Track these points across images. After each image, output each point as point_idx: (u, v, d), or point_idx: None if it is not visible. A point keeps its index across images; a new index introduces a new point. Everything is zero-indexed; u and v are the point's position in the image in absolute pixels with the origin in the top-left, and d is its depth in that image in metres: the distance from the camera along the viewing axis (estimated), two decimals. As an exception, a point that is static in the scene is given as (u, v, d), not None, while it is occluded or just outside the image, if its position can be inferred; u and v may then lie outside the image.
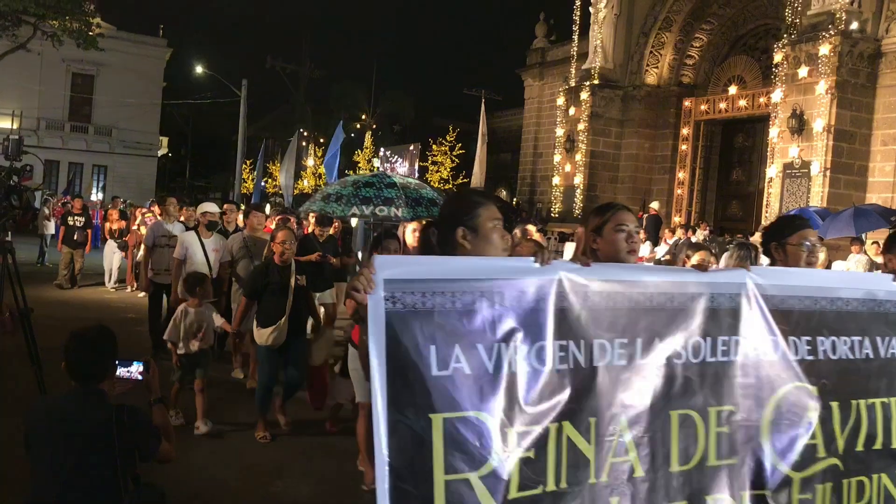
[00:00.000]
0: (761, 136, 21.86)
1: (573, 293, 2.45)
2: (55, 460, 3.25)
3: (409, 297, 2.18)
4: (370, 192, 6.63)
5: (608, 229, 2.99)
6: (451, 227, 2.64)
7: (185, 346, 6.65)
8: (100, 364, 3.37)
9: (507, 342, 2.29)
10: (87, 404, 3.31)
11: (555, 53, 31.09)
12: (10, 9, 27.75)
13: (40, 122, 44.75)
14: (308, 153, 42.16)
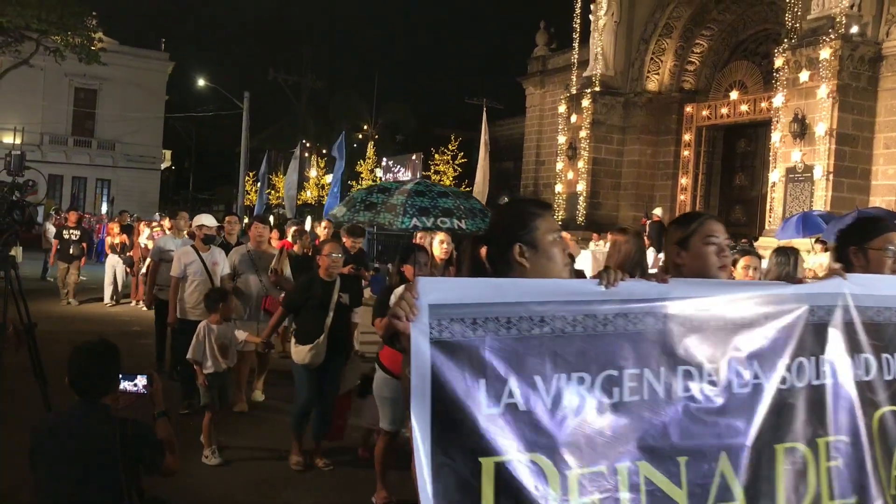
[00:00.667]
0: (763, 141, 21.84)
1: (650, 315, 2.15)
2: (60, 475, 3.25)
3: (458, 326, 1.90)
4: (426, 202, 6.16)
5: (696, 242, 2.68)
6: (507, 244, 2.31)
7: (213, 364, 6.28)
8: (103, 378, 3.37)
9: (569, 373, 2.01)
10: (91, 419, 3.31)
11: (556, 61, 31.13)
12: (12, 25, 27.88)
13: (43, 136, 44.93)
14: (311, 164, 42.24)
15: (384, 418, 5.40)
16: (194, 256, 7.89)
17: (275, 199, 43.17)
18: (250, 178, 39.88)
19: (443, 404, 1.87)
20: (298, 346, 6.15)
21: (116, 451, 3.25)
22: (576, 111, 24.16)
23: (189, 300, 7.76)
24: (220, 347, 6.32)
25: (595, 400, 2.03)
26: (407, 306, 1.89)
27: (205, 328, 6.35)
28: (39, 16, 27.71)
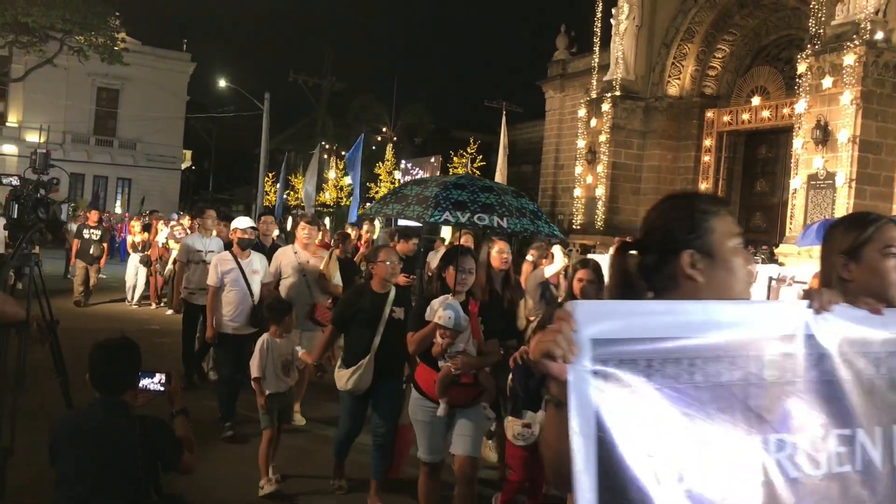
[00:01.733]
0: (785, 148, 21.66)
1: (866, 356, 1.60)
2: (79, 471, 3.27)
3: (629, 368, 1.39)
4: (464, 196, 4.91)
5: (871, 253, 2.16)
6: (670, 251, 1.75)
7: (274, 383, 5.71)
8: (123, 376, 3.39)
9: (767, 434, 1.48)
10: (110, 415, 3.33)
11: (576, 65, 31.07)
12: (37, 24, 28.17)
13: (66, 135, 45.34)
14: (329, 166, 42.37)
15: (421, 446, 4.87)
16: (233, 264, 7.20)
17: (293, 199, 43.33)
18: (270, 178, 40.06)
19: (613, 476, 1.37)
20: (341, 369, 5.49)
21: (136, 448, 3.27)
22: (596, 115, 24.09)
23: (225, 311, 7.10)
24: (282, 364, 5.79)
25: (796, 470, 1.50)
26: (564, 342, 1.35)
27: (266, 342, 5.77)
28: (64, 16, 28.01)
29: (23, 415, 4.18)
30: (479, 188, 5.16)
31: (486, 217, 4.92)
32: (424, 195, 5.07)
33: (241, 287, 7.13)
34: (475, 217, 4.91)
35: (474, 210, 4.92)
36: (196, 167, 59.71)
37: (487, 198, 5.07)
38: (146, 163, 48.25)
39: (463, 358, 4.66)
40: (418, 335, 4.81)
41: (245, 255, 7.28)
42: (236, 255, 7.25)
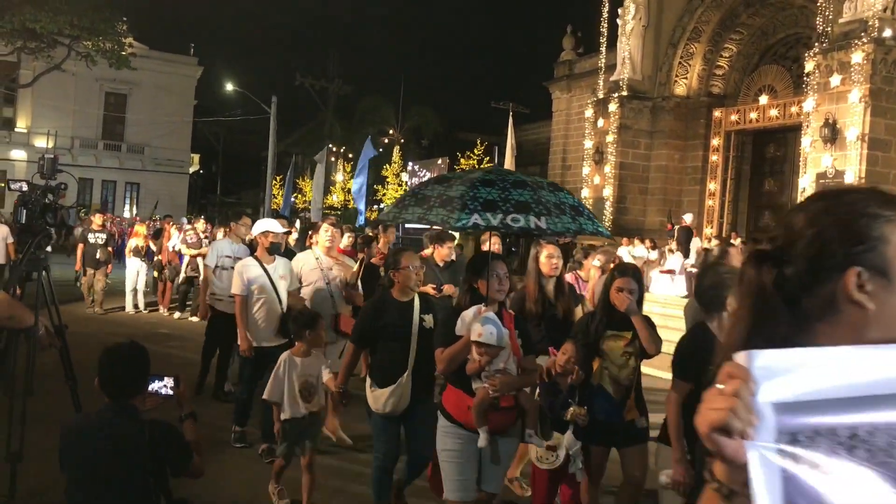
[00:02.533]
0: (793, 146, 21.59)
1: None
2: (89, 476, 3.28)
3: (825, 444, 0.99)
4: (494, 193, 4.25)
5: None
6: (828, 267, 1.27)
7: (290, 408, 5.06)
8: (133, 380, 3.39)
9: None
10: (120, 420, 3.33)
11: (582, 65, 31.05)
12: (46, 30, 28.32)
13: (74, 140, 45.54)
14: (337, 168, 42.44)
15: (449, 484, 4.23)
16: (259, 270, 6.59)
17: (301, 202, 43.42)
18: (277, 181, 40.15)
19: None
20: (375, 389, 4.88)
21: (145, 453, 3.27)
22: (603, 115, 24.06)
23: (255, 323, 6.59)
24: (304, 387, 5.09)
25: None
26: (744, 411, 0.99)
27: (285, 362, 5.14)
28: (72, 21, 28.16)
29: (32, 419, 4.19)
30: (510, 183, 4.35)
31: (520, 218, 4.13)
32: (448, 196, 4.24)
33: (269, 295, 6.56)
34: (508, 219, 4.12)
35: (507, 210, 4.12)
36: (204, 171, 59.89)
37: (521, 194, 4.24)
38: (154, 167, 48.40)
39: (502, 377, 4.12)
40: (449, 352, 4.20)
41: (270, 259, 6.68)
42: (261, 261, 6.64)
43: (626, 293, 4.55)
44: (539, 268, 5.71)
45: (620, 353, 4.65)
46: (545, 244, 5.86)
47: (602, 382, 4.69)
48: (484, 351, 4.06)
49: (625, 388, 4.68)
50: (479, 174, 4.46)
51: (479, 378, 4.13)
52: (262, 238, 6.73)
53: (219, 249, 8.61)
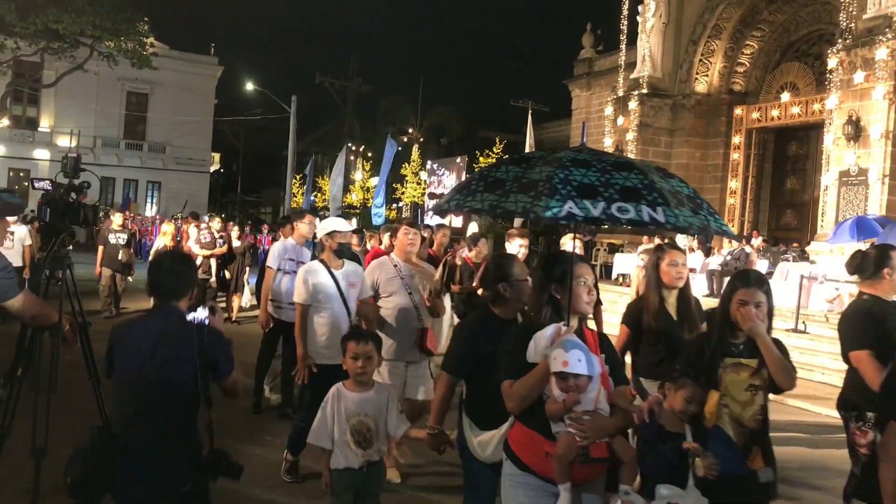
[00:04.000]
0: (815, 144, 21.42)
1: None
2: (138, 377, 3.34)
3: None
4: (591, 176, 3.34)
5: None
6: None
7: (342, 455, 4.01)
8: (181, 282, 3.54)
9: None
10: (168, 320, 3.44)
11: (602, 63, 30.95)
12: (68, 31, 28.60)
13: (96, 139, 45.98)
14: (356, 167, 42.55)
15: None
16: (326, 276, 5.79)
17: (321, 201, 43.56)
18: (297, 180, 40.32)
19: None
20: (477, 431, 3.90)
21: (193, 351, 3.35)
22: (623, 113, 23.96)
23: (318, 337, 5.71)
24: (358, 429, 4.01)
25: None
26: None
27: (334, 396, 4.08)
28: (94, 22, 28.41)
29: (55, 416, 4.23)
30: (611, 164, 3.40)
31: (629, 208, 3.16)
32: (530, 179, 3.28)
33: (335, 305, 5.74)
34: (613, 208, 3.15)
35: (610, 197, 3.16)
36: (224, 170, 60.23)
37: (627, 178, 3.31)
38: (175, 166, 48.74)
39: (593, 421, 3.18)
40: (523, 387, 3.27)
41: (339, 264, 5.86)
42: (328, 265, 5.83)
43: (752, 308, 3.53)
44: (659, 276, 4.88)
45: (744, 386, 3.58)
46: (669, 248, 5.00)
47: (721, 424, 3.58)
48: (570, 385, 3.14)
49: (749, 432, 3.58)
50: (568, 153, 3.47)
51: (562, 420, 3.19)
52: (328, 240, 5.89)
53: (281, 251, 7.78)
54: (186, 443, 3.41)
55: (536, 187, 3.14)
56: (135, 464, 3.29)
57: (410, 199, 40.18)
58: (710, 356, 3.65)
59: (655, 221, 3.14)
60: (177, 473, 3.38)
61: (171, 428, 3.36)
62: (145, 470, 3.31)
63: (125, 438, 3.30)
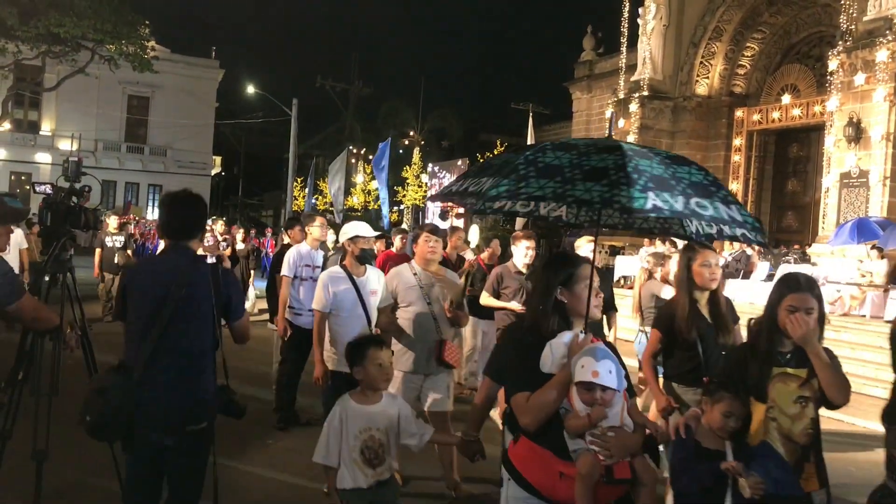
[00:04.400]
0: (816, 146, 21.43)
1: None
2: (156, 313, 3.37)
3: None
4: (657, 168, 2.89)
5: None
6: None
7: (350, 474, 3.58)
8: (194, 221, 3.61)
9: None
10: (182, 257, 3.49)
11: (603, 66, 30.96)
12: (69, 35, 28.62)
13: (98, 143, 45.99)
14: (357, 170, 42.57)
15: None
16: (347, 283, 5.59)
17: (322, 204, 43.58)
18: (298, 183, 40.35)
19: None
20: None
21: (208, 287, 3.41)
22: (623, 116, 23.97)
23: (337, 345, 5.45)
24: (368, 446, 3.61)
25: None
26: None
27: (342, 410, 3.65)
28: (95, 26, 28.41)
29: (57, 419, 4.24)
30: (667, 158, 3.05)
31: (707, 204, 2.78)
32: (594, 167, 2.81)
33: (357, 313, 5.55)
34: (693, 203, 2.73)
35: (684, 192, 2.77)
36: (226, 173, 60.25)
37: (690, 173, 2.93)
38: (176, 169, 48.76)
39: (617, 438, 2.84)
40: (542, 399, 2.89)
41: (361, 271, 5.66)
42: (350, 272, 5.63)
43: (803, 314, 3.24)
44: (692, 277, 4.60)
45: (794, 398, 3.30)
46: (701, 248, 4.67)
47: (769, 439, 3.28)
48: (597, 398, 2.81)
49: (800, 448, 3.30)
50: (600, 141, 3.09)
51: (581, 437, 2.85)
52: (350, 245, 5.65)
53: (296, 258, 7.41)
54: (204, 382, 3.46)
55: (607, 175, 2.75)
56: (153, 403, 3.33)
57: (411, 202, 40.20)
58: (759, 367, 3.37)
59: (735, 221, 2.85)
60: (194, 411, 3.42)
61: (189, 367, 3.41)
62: (163, 408, 3.35)
63: (143, 378, 3.33)
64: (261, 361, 9.15)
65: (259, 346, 8.31)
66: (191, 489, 3.50)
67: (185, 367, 3.39)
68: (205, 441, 3.49)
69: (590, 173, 2.80)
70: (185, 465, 3.45)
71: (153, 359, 3.34)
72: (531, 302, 3.30)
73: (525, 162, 2.94)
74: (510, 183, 2.86)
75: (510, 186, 2.87)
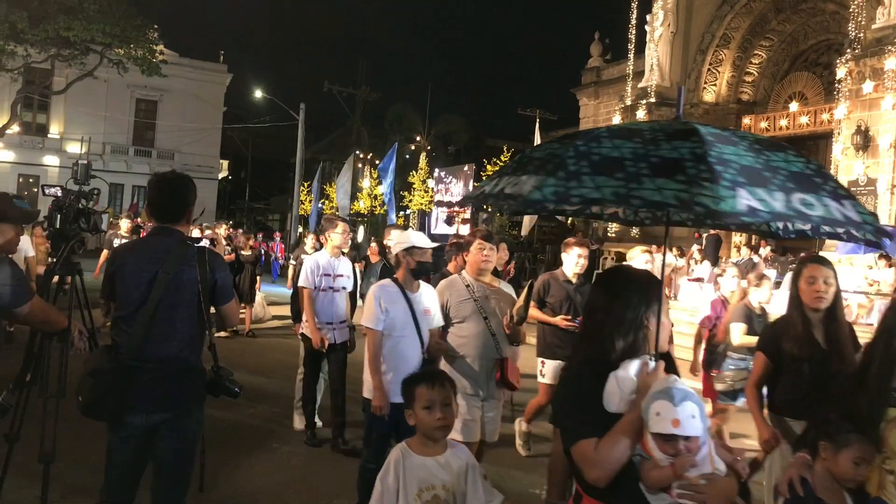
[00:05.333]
0: (824, 154, 21.36)
1: None
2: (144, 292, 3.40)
3: None
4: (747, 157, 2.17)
5: None
6: None
7: None
8: (180, 203, 3.59)
9: None
10: (171, 239, 3.50)
11: (610, 72, 30.98)
12: (79, 38, 28.73)
13: (106, 146, 46.15)
14: (364, 175, 42.64)
15: None
16: (401, 299, 4.90)
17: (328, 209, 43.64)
18: (305, 188, 40.42)
19: None
20: None
21: (194, 271, 3.42)
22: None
23: (385, 372, 4.83)
24: None
25: None
26: None
27: (397, 462, 2.94)
28: (104, 29, 28.51)
29: (64, 421, 4.25)
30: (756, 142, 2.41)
31: (813, 201, 2.19)
32: (665, 157, 2.23)
33: (409, 334, 4.87)
34: (795, 200, 2.15)
35: (783, 185, 2.18)
36: (233, 177, 60.44)
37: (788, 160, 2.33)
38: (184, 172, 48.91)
39: (712, 485, 2.26)
40: (611, 449, 2.30)
41: (415, 286, 4.98)
42: (404, 287, 4.93)
43: None
44: (800, 296, 4.09)
45: None
46: (812, 262, 4.15)
47: (885, 496, 2.76)
48: (680, 448, 2.23)
49: None
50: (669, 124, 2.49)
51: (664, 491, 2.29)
52: (406, 257, 4.96)
53: (314, 267, 6.76)
54: (192, 363, 3.49)
55: (683, 169, 2.14)
56: (142, 384, 3.36)
57: (417, 207, 40.23)
58: (869, 405, 2.83)
59: (851, 221, 2.21)
60: (183, 392, 3.45)
61: (179, 348, 3.43)
62: (152, 389, 3.38)
63: (133, 360, 3.37)
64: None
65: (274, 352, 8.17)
66: (178, 476, 3.52)
67: (173, 349, 3.43)
68: (193, 424, 3.52)
69: (660, 167, 2.20)
70: (173, 448, 3.47)
71: (143, 341, 3.38)
72: (599, 326, 2.52)
73: (576, 155, 2.31)
74: (558, 183, 2.25)
75: (558, 187, 2.25)
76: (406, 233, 5.38)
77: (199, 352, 3.53)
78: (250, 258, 13.92)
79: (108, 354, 3.43)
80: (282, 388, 8.29)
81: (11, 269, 3.59)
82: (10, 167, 44.43)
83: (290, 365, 8.01)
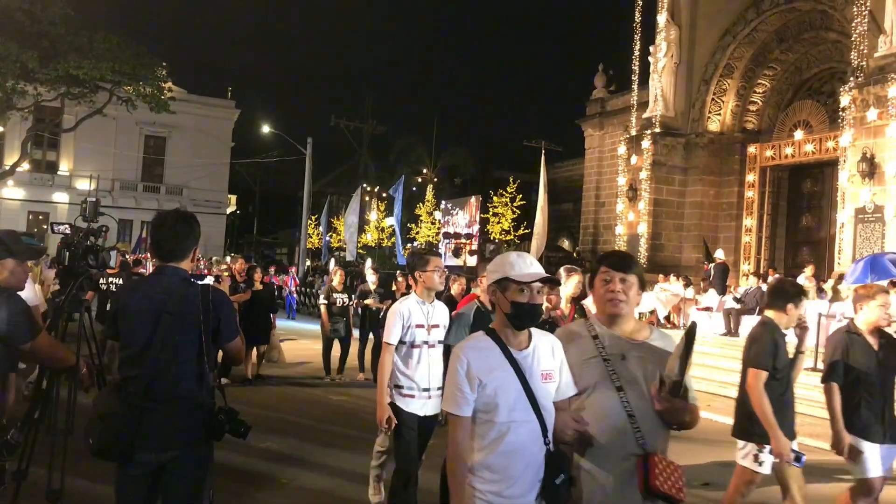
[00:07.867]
0: (830, 181, 21.35)
1: None
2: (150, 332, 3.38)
3: None
4: None
5: None
6: None
7: None
8: (182, 242, 3.54)
9: None
10: (172, 279, 3.48)
11: (614, 103, 31.13)
12: (88, 76, 29.06)
13: (115, 183, 46.44)
14: (371, 208, 42.79)
15: None
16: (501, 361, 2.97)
17: (336, 242, 43.73)
18: (312, 221, 40.56)
19: None
20: None
21: (197, 310, 3.39)
22: (636, 152, 24.03)
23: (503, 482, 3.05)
24: None
25: None
26: None
27: None
28: (113, 68, 28.85)
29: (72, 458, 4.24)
30: None
31: None
32: None
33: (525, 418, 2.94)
34: None
35: None
36: (241, 211, 60.70)
37: None
38: (192, 207, 48.98)
39: None
40: None
41: (523, 340, 3.05)
42: (503, 340, 3.01)
43: None
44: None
45: None
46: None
47: None
48: None
49: None
50: None
51: None
52: (497, 293, 3.09)
53: (405, 315, 5.16)
54: (202, 401, 3.47)
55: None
56: (154, 424, 3.35)
57: (424, 239, 40.30)
58: None
59: None
60: (193, 430, 3.43)
61: (187, 387, 3.41)
62: (158, 430, 3.36)
63: (143, 401, 3.35)
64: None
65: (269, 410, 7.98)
66: None
67: (181, 387, 3.41)
68: (202, 460, 3.51)
69: None
70: (182, 485, 3.46)
71: (151, 381, 3.37)
72: None
73: None
74: None
75: None
76: (502, 257, 3.12)
77: (209, 388, 3.52)
78: (264, 294, 12.15)
79: (117, 395, 3.41)
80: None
81: (13, 305, 3.61)
82: (19, 205, 44.73)
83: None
